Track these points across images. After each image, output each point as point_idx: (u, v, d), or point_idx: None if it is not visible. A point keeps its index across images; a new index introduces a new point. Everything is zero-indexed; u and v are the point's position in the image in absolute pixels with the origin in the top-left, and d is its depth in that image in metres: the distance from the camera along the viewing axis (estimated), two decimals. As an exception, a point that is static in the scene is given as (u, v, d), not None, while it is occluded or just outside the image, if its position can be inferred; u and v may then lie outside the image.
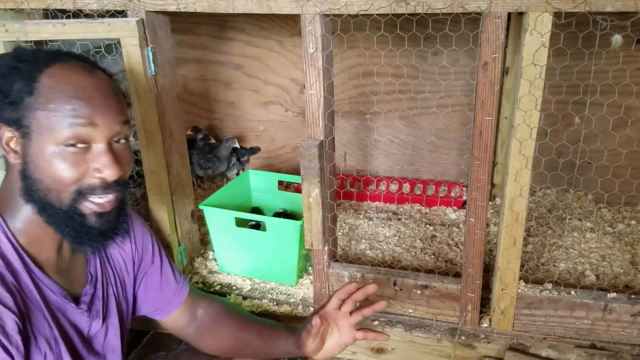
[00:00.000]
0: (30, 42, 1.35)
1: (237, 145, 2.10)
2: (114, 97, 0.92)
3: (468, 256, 1.29)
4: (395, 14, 1.11)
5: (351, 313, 1.10)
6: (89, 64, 0.94)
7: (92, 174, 0.88)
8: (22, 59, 0.90)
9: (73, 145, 0.86)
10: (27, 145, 0.88)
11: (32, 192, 0.89)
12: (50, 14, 1.38)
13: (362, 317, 1.09)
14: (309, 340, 1.09)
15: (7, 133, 0.89)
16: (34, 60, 0.90)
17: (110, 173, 0.89)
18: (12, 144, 0.89)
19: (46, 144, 0.86)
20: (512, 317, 1.34)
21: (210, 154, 2.09)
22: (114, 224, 0.95)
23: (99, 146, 0.89)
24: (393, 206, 1.98)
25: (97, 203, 0.90)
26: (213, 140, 2.17)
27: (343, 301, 1.10)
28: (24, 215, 0.91)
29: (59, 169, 0.86)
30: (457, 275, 1.38)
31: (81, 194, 0.89)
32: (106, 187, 0.90)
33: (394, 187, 2.09)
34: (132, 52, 1.31)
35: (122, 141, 0.93)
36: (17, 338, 0.83)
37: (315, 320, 1.06)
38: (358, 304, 1.11)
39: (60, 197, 0.88)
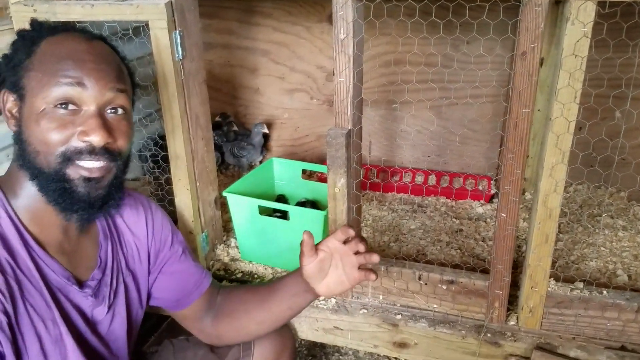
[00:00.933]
0: (59, 22, 1.34)
1: (266, 130, 2.08)
2: (108, 64, 0.91)
3: (497, 252, 1.25)
4: (432, -1, 1.08)
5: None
6: (91, 34, 0.95)
7: (79, 137, 0.87)
8: (31, 27, 0.93)
9: (63, 106, 0.86)
10: (22, 107, 0.88)
11: (24, 156, 0.88)
12: (78, -6, 1.37)
13: (365, 261, 1.04)
14: (304, 262, 1.04)
15: (10, 98, 0.90)
16: (40, 28, 0.92)
17: (96, 137, 0.87)
18: (15, 111, 0.90)
19: (37, 104, 0.86)
20: (541, 316, 1.30)
21: (244, 142, 2.08)
22: (103, 195, 0.92)
23: (89, 109, 0.88)
24: (418, 198, 1.95)
25: (86, 167, 0.88)
26: (235, 128, 2.15)
27: (347, 240, 1.05)
28: (27, 192, 0.91)
29: (45, 129, 0.86)
30: (485, 271, 1.35)
31: (67, 157, 0.87)
32: (92, 151, 0.87)
33: (419, 178, 2.05)
34: (160, 36, 1.29)
35: (119, 112, 0.92)
36: (2, 317, 0.82)
37: (304, 236, 1.02)
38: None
39: (48, 160, 0.87)
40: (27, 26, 1.34)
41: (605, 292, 1.28)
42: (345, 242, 1.05)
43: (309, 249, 1.03)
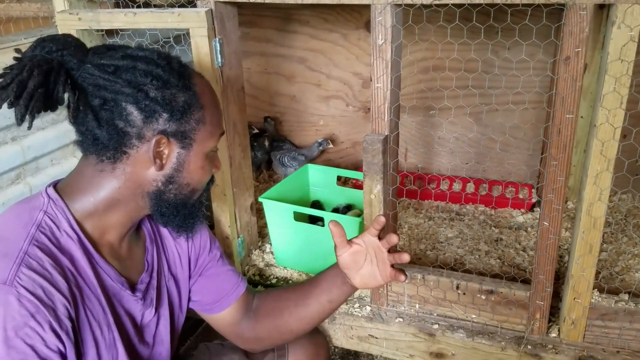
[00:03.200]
0: (102, 30, 1.38)
1: (331, 145, 2.12)
2: None
3: (539, 262, 1.22)
4: (472, 4, 1.06)
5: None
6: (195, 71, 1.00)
7: (213, 171, 1.01)
8: (171, 67, 0.90)
9: (214, 150, 0.99)
10: (184, 154, 0.93)
11: (170, 195, 0.95)
12: (121, 3, 1.41)
13: (394, 260, 1.04)
14: (337, 252, 1.07)
15: (164, 142, 0.90)
16: (181, 72, 0.92)
17: (220, 168, 1.04)
18: (170, 156, 0.92)
19: (202, 153, 0.95)
20: (584, 328, 1.27)
21: (294, 151, 2.12)
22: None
23: (217, 148, 1.01)
24: (456, 206, 1.92)
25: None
26: (256, 130, 2.19)
27: (381, 235, 1.07)
28: (95, 200, 0.92)
29: (205, 172, 0.97)
30: (525, 281, 1.31)
31: (206, 187, 1.02)
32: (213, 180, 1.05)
33: (457, 186, 2.02)
34: (201, 43, 1.31)
35: None
36: (67, 323, 0.83)
37: (330, 226, 1.06)
38: None
39: (196, 194, 1.00)
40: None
41: (652, 304, 1.24)
42: (380, 238, 1.05)
43: (338, 237, 1.06)
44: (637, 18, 0.99)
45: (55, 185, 0.95)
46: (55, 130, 1.53)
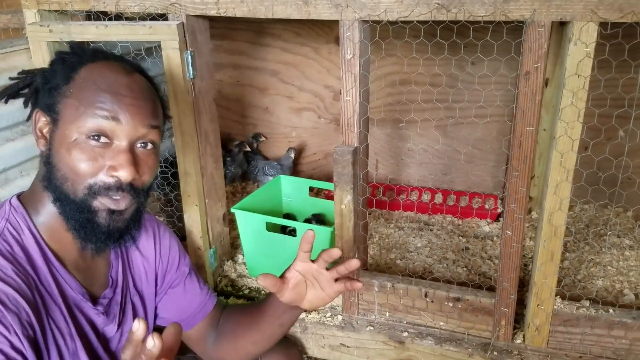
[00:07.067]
0: (75, 42, 1.38)
1: (292, 155, 2.15)
2: (145, 100, 0.91)
3: (503, 270, 1.26)
4: (436, 21, 1.10)
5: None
6: (131, 65, 0.94)
7: (108, 172, 0.87)
8: (71, 51, 0.94)
9: (95, 138, 0.87)
10: (54, 131, 0.89)
11: (51, 179, 0.89)
12: (92, 16, 1.41)
13: (338, 274, 1.01)
14: (277, 295, 1.02)
15: (42, 119, 0.91)
16: (80, 53, 0.93)
17: (124, 174, 0.87)
18: (45, 131, 0.91)
19: (70, 133, 0.87)
20: (547, 334, 1.30)
21: (275, 162, 2.16)
22: (122, 227, 0.93)
23: (121, 144, 0.88)
24: (425, 216, 1.96)
25: (112, 199, 0.89)
26: (247, 148, 2.20)
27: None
28: (47, 210, 0.92)
29: (76, 159, 0.87)
30: (491, 289, 1.35)
31: (94, 191, 0.88)
32: (119, 188, 0.88)
33: (426, 197, 2.06)
34: (172, 55, 1.33)
35: (149, 146, 0.92)
36: (30, 331, 0.83)
37: (259, 280, 0.99)
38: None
39: (75, 188, 0.88)
40: (44, 47, 1.40)
41: (611, 310, 1.28)
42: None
43: (272, 285, 1.00)
44: (592, 35, 1.04)
45: (19, 195, 0.96)
46: (25, 142, 1.52)
